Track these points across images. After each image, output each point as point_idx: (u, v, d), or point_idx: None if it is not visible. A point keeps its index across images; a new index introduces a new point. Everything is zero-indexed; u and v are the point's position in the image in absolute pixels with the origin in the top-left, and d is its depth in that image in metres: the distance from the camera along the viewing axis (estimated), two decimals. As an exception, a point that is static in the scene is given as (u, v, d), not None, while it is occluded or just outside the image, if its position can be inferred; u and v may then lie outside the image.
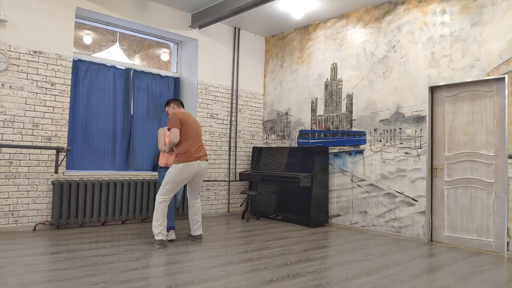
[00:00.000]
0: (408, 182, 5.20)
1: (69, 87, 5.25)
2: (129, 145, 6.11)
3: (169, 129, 4.30)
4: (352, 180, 5.85)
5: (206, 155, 4.47)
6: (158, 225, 4.23)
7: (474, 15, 4.70)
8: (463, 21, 4.80)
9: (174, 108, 4.69)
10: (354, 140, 5.88)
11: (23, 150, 4.88)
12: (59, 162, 5.01)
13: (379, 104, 5.60)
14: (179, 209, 6.10)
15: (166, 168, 4.73)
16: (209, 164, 6.60)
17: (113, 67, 5.99)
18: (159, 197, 4.28)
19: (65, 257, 3.69)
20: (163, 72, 6.58)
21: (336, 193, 6.04)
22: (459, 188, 4.83)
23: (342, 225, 5.93)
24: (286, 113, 6.97)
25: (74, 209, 5.12)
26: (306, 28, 6.72)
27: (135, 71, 6.22)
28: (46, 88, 5.05)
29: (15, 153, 4.83)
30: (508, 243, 4.33)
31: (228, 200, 6.85)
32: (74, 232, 4.91)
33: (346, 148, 5.97)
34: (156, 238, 4.23)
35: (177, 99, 4.77)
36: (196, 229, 4.58)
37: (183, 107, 4.77)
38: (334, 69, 6.24)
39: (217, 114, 6.71)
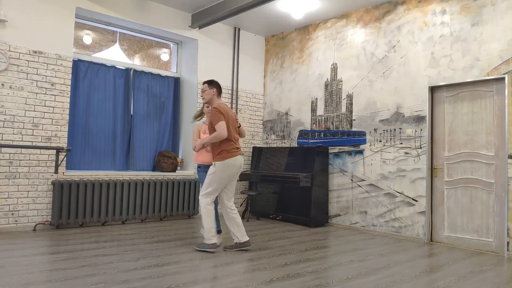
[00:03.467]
0: (408, 182, 5.20)
1: (69, 87, 5.25)
2: (129, 145, 6.11)
3: (211, 123, 4.00)
4: (352, 180, 5.85)
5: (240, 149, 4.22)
6: (211, 229, 4.07)
7: (474, 15, 4.70)
8: (463, 21, 4.80)
9: (214, 94, 4.18)
10: (354, 140, 5.88)
11: (23, 150, 4.87)
12: (59, 162, 5.01)
13: (379, 104, 5.60)
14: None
15: (207, 166, 4.30)
16: (209, 164, 6.60)
17: (113, 67, 5.99)
18: (203, 201, 4.05)
19: (65, 257, 3.69)
20: (163, 72, 6.58)
21: (336, 193, 6.04)
22: (459, 188, 4.83)
23: (342, 225, 5.93)
24: (286, 113, 6.97)
25: (74, 209, 5.12)
26: (306, 28, 6.72)
27: (135, 71, 6.22)
28: (46, 88, 5.05)
29: (15, 153, 4.83)
30: (508, 243, 4.33)
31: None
32: (74, 232, 4.91)
33: (346, 148, 5.97)
34: (209, 242, 4.07)
35: (219, 85, 4.25)
36: (244, 233, 4.18)
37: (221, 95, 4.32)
38: (334, 69, 6.24)
39: (217, 114, 6.69)
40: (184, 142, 6.65)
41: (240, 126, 4.35)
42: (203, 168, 4.44)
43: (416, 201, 5.11)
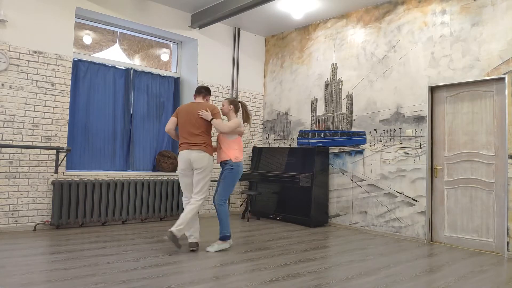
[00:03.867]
0: (408, 182, 5.20)
1: (69, 87, 5.25)
2: (129, 145, 6.11)
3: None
4: (352, 180, 5.85)
5: (200, 144, 4.13)
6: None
7: (474, 15, 4.70)
8: (463, 21, 4.80)
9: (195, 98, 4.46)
10: (354, 140, 5.88)
11: (23, 150, 4.87)
12: (59, 162, 5.01)
13: (379, 104, 5.60)
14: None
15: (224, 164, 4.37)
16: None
17: (113, 67, 5.99)
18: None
19: (65, 257, 3.69)
20: (163, 72, 6.58)
21: (336, 193, 6.04)
22: (459, 188, 4.83)
23: (342, 225, 5.93)
24: (286, 113, 6.97)
25: (74, 209, 5.12)
26: (306, 28, 6.72)
27: (135, 71, 6.22)
28: (46, 88, 5.05)
29: (15, 153, 4.83)
30: (508, 243, 4.33)
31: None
32: (74, 232, 4.91)
33: (346, 148, 5.97)
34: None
35: (197, 88, 4.41)
36: (176, 224, 3.97)
37: (199, 95, 4.37)
38: (334, 69, 6.24)
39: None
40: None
41: (212, 119, 4.22)
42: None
43: (416, 201, 5.11)
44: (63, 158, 5.00)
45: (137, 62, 6.77)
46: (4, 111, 4.76)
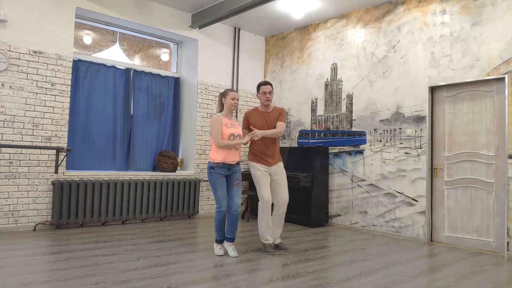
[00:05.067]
0: (408, 182, 5.20)
1: (69, 87, 5.25)
2: (129, 145, 6.11)
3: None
4: (352, 180, 5.85)
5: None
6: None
7: (474, 15, 4.70)
8: (463, 21, 4.80)
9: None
10: (354, 140, 5.88)
11: (23, 150, 4.87)
12: (59, 162, 5.01)
13: (379, 104, 5.60)
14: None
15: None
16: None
17: (113, 67, 5.99)
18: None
19: (65, 257, 3.69)
20: (163, 72, 6.58)
21: (336, 193, 6.04)
22: (459, 188, 4.83)
23: (342, 225, 5.93)
24: (286, 113, 6.97)
25: (74, 209, 5.12)
26: (306, 28, 6.72)
27: (135, 71, 6.22)
28: (46, 88, 5.05)
29: (15, 153, 4.83)
30: (508, 243, 4.33)
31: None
32: (74, 232, 4.91)
33: (346, 148, 5.97)
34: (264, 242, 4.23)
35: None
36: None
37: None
38: (334, 69, 6.24)
39: (217, 114, 6.69)
40: (184, 142, 6.65)
41: None
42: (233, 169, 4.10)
43: (416, 201, 5.11)
44: (63, 158, 5.00)
45: (137, 62, 6.77)
46: (4, 111, 4.76)
